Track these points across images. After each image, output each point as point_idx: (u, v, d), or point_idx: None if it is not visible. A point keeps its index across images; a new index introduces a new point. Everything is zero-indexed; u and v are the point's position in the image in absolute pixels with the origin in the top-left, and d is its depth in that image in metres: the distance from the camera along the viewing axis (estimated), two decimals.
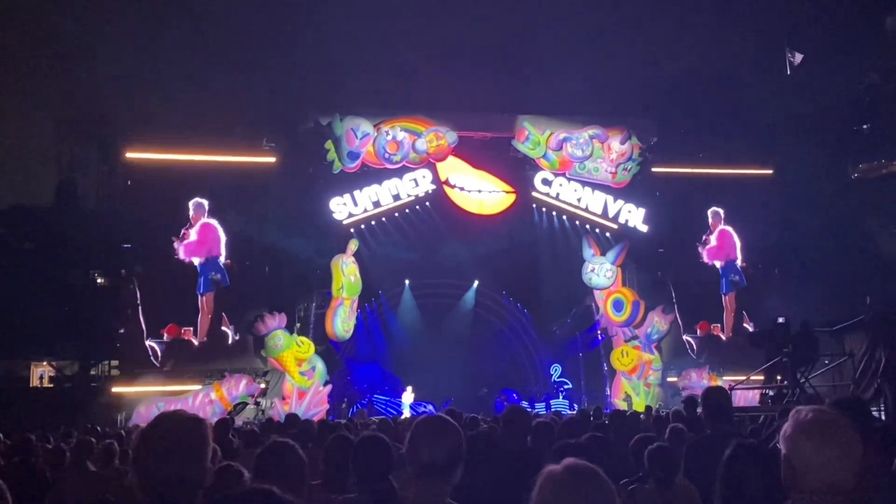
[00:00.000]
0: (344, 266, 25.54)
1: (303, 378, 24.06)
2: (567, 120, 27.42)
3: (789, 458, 2.67)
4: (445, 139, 26.25)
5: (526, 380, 29.25)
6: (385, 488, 3.92)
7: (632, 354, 26.72)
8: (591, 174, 27.53)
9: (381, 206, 26.26)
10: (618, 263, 27.30)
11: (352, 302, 25.76)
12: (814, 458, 2.62)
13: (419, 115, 26.39)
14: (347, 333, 25.64)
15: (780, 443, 2.76)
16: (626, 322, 26.93)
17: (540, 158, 27.26)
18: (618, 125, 27.52)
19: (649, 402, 23.78)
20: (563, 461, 2.30)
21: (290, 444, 3.84)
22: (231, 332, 24.37)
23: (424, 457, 3.16)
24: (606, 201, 27.56)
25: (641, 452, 5.33)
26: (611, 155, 27.46)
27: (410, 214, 26.74)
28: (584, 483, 2.24)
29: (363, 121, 25.75)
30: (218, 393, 23.22)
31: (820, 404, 3.02)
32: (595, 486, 2.24)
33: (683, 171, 27.96)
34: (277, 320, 24.15)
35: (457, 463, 3.18)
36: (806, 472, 2.63)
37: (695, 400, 11.63)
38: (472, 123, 26.99)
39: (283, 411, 22.18)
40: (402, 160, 26.16)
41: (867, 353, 15.68)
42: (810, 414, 2.68)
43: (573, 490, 2.21)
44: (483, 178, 27.43)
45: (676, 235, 27.57)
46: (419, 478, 3.17)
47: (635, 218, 27.57)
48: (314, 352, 24.50)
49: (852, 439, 2.64)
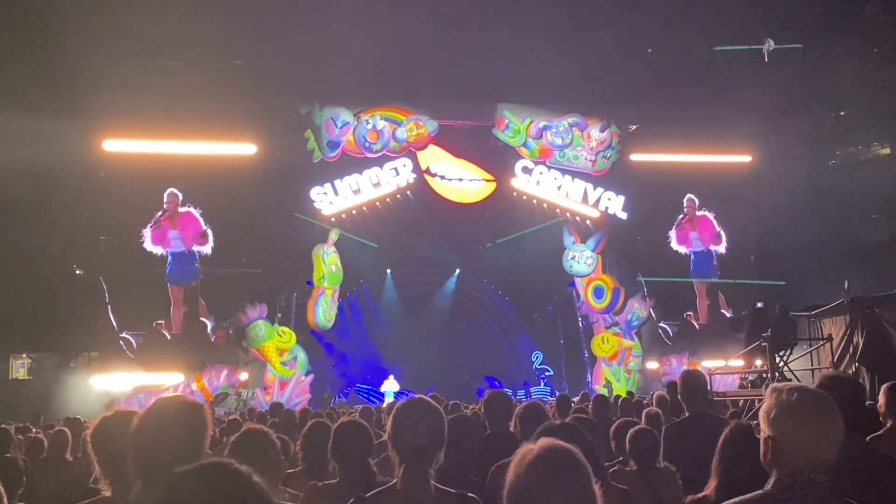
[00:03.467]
0: (325, 255, 25.51)
1: (284, 368, 24.03)
2: (547, 108, 27.44)
3: (774, 438, 2.67)
4: (426, 128, 26.20)
5: (507, 367, 29.38)
6: (365, 472, 3.91)
7: (612, 341, 26.85)
8: (571, 162, 27.56)
9: (362, 195, 26.18)
10: (598, 251, 27.40)
11: (333, 291, 25.75)
12: (800, 439, 2.62)
13: (399, 104, 26.33)
14: (329, 323, 25.64)
15: (762, 423, 2.76)
16: (607, 309, 27.06)
17: (520, 147, 27.26)
18: (597, 113, 27.57)
19: (630, 388, 23.95)
20: (538, 442, 2.28)
21: (264, 430, 3.82)
22: (210, 323, 24.24)
23: (407, 439, 3.15)
24: (586, 189, 27.59)
25: (622, 436, 5.37)
26: (590, 143, 27.51)
27: (391, 203, 26.65)
28: (559, 463, 2.21)
29: (343, 110, 25.67)
30: (199, 384, 23.12)
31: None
32: (569, 467, 2.21)
33: (662, 160, 28.02)
34: (258, 311, 24.08)
35: (439, 445, 3.17)
36: (791, 452, 2.63)
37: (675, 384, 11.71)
38: (452, 112, 26.94)
39: (264, 401, 22.15)
40: (382, 149, 26.10)
41: (845, 338, 15.84)
42: (795, 393, 2.68)
43: (547, 470, 2.18)
44: (464, 166, 27.41)
45: (655, 222, 27.66)
46: (402, 461, 3.15)
47: (615, 205, 27.64)
48: (295, 342, 24.46)
49: (835, 418, 2.65)
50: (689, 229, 27.76)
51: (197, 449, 2.77)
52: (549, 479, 2.18)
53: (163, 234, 24.29)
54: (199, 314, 24.30)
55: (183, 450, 2.70)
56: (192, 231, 24.49)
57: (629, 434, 5.24)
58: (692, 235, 27.71)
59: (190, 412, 2.83)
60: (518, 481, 2.21)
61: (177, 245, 24.39)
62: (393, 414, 3.27)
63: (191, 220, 24.48)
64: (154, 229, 24.15)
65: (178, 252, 24.38)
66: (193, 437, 2.78)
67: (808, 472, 2.61)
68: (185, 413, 2.82)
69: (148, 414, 2.80)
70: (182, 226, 24.42)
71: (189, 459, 2.70)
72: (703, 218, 27.91)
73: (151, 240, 24.21)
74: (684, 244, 27.76)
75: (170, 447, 2.68)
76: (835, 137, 27.69)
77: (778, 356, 15.09)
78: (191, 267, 24.39)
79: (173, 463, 2.65)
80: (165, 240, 24.33)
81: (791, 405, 2.66)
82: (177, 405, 2.85)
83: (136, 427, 2.77)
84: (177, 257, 24.37)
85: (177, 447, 2.69)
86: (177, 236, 24.38)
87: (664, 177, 27.02)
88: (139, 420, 2.79)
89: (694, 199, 27.86)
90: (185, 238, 24.40)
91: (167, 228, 24.32)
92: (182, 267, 24.36)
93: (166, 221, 24.33)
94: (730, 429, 3.68)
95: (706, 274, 27.62)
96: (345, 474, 4.01)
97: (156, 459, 2.67)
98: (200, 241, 24.49)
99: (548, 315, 29.87)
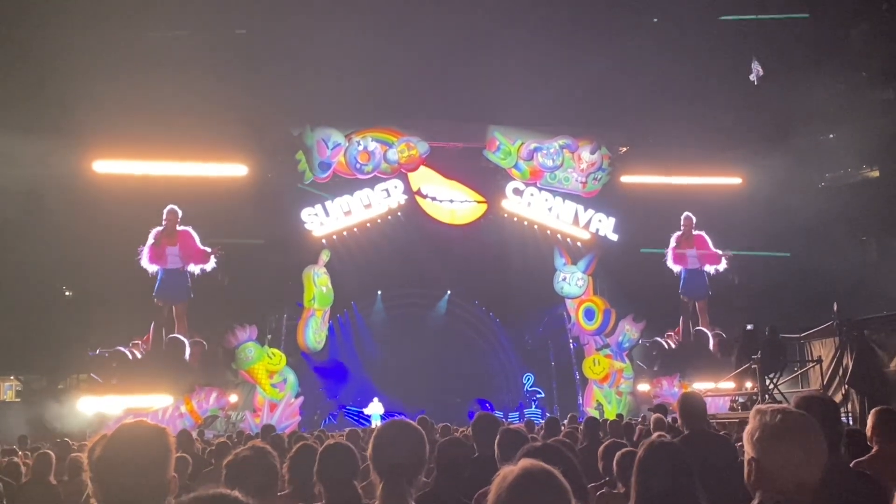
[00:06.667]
0: (315, 277, 25.47)
1: (274, 390, 23.90)
2: (538, 130, 27.54)
3: (758, 459, 2.67)
4: (417, 149, 26.26)
5: (499, 389, 29.31)
6: (350, 495, 3.89)
7: (603, 363, 26.80)
8: (562, 184, 27.63)
9: (353, 216, 26.17)
10: (589, 272, 27.42)
11: (323, 313, 25.69)
12: (784, 460, 2.62)
13: (390, 126, 26.41)
14: (319, 345, 25.54)
15: (746, 444, 2.76)
16: (598, 331, 27.03)
17: (511, 168, 27.33)
18: (588, 135, 27.67)
19: (620, 411, 23.89)
20: (519, 463, 2.27)
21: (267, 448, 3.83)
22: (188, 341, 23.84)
23: (387, 458, 3.15)
24: (577, 210, 27.64)
25: (610, 458, 5.35)
26: (581, 165, 27.60)
27: (382, 224, 26.65)
28: (539, 484, 2.20)
29: (334, 131, 25.73)
30: (188, 406, 22.95)
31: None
32: (549, 488, 2.20)
33: (652, 182, 28.10)
34: (248, 332, 23.97)
35: (420, 464, 3.17)
36: (775, 473, 2.63)
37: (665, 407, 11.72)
38: (443, 133, 27.03)
39: (254, 424, 22.01)
40: (373, 170, 26.13)
41: (834, 360, 15.83)
42: (778, 415, 2.68)
43: (528, 491, 2.18)
44: (455, 187, 27.45)
45: (646, 244, 27.61)
46: (382, 480, 3.15)
47: (605, 227, 27.67)
48: (285, 364, 24.34)
49: (819, 439, 2.66)
50: (685, 247, 27.66)
51: (161, 474, 2.75)
52: (529, 499, 2.17)
53: (161, 251, 23.89)
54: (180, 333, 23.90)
55: (148, 476, 2.69)
56: (190, 249, 24.12)
57: (616, 456, 5.21)
58: (689, 253, 27.59)
59: (152, 436, 2.81)
60: (499, 502, 2.20)
61: (174, 262, 23.92)
62: (374, 435, 3.27)
63: (189, 238, 24.23)
64: (153, 247, 23.85)
65: (173, 269, 23.93)
66: (158, 461, 2.76)
67: (792, 494, 2.61)
68: (147, 438, 2.80)
69: (111, 440, 2.78)
70: (181, 244, 24.13)
71: (154, 484, 2.69)
72: (699, 237, 27.76)
73: (149, 258, 23.79)
74: (680, 263, 27.49)
75: (134, 474, 2.66)
76: (824, 160, 27.84)
77: (768, 378, 15.09)
78: (183, 286, 24.09)
79: (138, 489, 2.65)
80: (163, 257, 23.86)
81: (774, 427, 2.66)
82: (139, 430, 2.83)
83: (99, 454, 2.74)
84: (169, 274, 23.91)
85: (141, 473, 2.68)
86: (175, 253, 23.89)
87: (655, 199, 27.05)
88: (101, 447, 2.77)
89: (691, 217, 27.62)
90: (183, 256, 24.07)
91: (165, 245, 23.92)
92: (174, 285, 23.92)
93: (164, 239, 24.04)
94: (646, 445, 3.69)
95: (697, 293, 27.45)
96: (331, 497, 4.00)
97: (121, 486, 2.65)
98: (203, 259, 24.14)
99: (539, 337, 29.84)
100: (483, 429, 5.70)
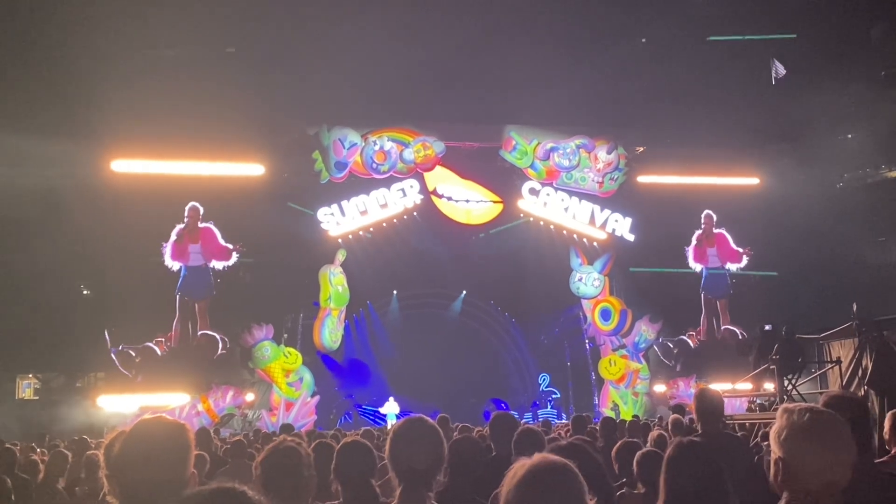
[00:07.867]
0: (332, 276, 25.51)
1: (290, 389, 23.95)
2: (554, 130, 27.46)
3: (785, 459, 2.63)
4: (433, 149, 26.24)
5: (514, 389, 29.25)
6: (367, 493, 3.87)
7: (619, 363, 26.72)
8: (578, 184, 27.55)
9: (369, 216, 26.19)
10: (605, 272, 27.33)
11: (339, 312, 25.71)
12: (813, 460, 2.58)
13: (407, 125, 26.39)
14: (335, 344, 25.58)
15: (773, 444, 2.71)
16: (614, 331, 26.94)
17: (527, 168, 27.27)
18: (604, 135, 27.57)
19: (636, 412, 23.79)
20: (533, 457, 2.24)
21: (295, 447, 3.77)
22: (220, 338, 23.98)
23: (406, 460, 3.12)
24: (593, 211, 27.54)
25: (627, 458, 5.30)
26: (597, 164, 27.50)
27: (398, 224, 26.65)
28: (551, 477, 2.16)
29: (350, 131, 25.74)
30: (205, 405, 23.05)
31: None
32: (564, 482, 2.16)
33: (669, 182, 27.97)
34: (265, 331, 24.05)
35: (438, 467, 3.14)
36: (802, 473, 2.59)
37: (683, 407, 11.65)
38: (459, 133, 27.01)
39: (270, 423, 22.08)
40: (389, 170, 26.13)
41: (854, 361, 15.69)
42: (807, 414, 2.64)
43: (539, 484, 2.14)
44: (471, 187, 27.40)
45: (663, 244, 27.47)
46: (400, 483, 3.12)
47: (622, 227, 27.56)
48: (301, 363, 24.39)
49: (848, 439, 2.62)
50: (706, 246, 27.51)
51: (182, 469, 2.73)
52: (540, 492, 2.14)
53: (183, 248, 24.08)
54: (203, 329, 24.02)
55: (167, 471, 2.68)
56: (212, 246, 24.26)
57: (637, 457, 5.15)
58: (710, 252, 27.44)
59: (172, 432, 2.79)
60: (510, 494, 2.17)
61: (196, 259, 24.11)
62: (391, 435, 3.24)
63: (211, 235, 24.37)
64: (176, 244, 24.00)
65: (195, 266, 24.12)
66: (178, 457, 2.74)
67: (820, 494, 2.56)
68: (166, 433, 2.78)
69: (130, 436, 2.76)
70: (203, 240, 24.28)
71: (174, 480, 2.67)
72: (720, 235, 27.63)
73: (171, 255, 24.01)
74: (701, 261, 27.36)
75: (154, 469, 2.65)
76: (842, 160, 27.61)
77: (786, 379, 14.96)
78: (206, 282, 24.21)
79: (158, 485, 2.63)
80: (185, 254, 24.06)
81: (803, 426, 2.62)
82: (159, 426, 2.81)
83: (119, 450, 2.73)
84: (192, 271, 24.10)
85: (161, 469, 2.66)
86: (197, 250, 24.12)
87: (671, 199, 26.91)
88: (121, 443, 2.75)
89: (712, 215, 27.51)
90: (206, 253, 24.22)
91: (188, 243, 24.12)
92: (197, 281, 24.10)
93: (187, 236, 24.18)
94: (675, 443, 3.63)
95: (718, 291, 27.33)
96: (347, 495, 3.98)
97: (140, 482, 2.64)
98: (225, 256, 24.26)
99: (555, 337, 29.77)
100: (500, 428, 5.68)
